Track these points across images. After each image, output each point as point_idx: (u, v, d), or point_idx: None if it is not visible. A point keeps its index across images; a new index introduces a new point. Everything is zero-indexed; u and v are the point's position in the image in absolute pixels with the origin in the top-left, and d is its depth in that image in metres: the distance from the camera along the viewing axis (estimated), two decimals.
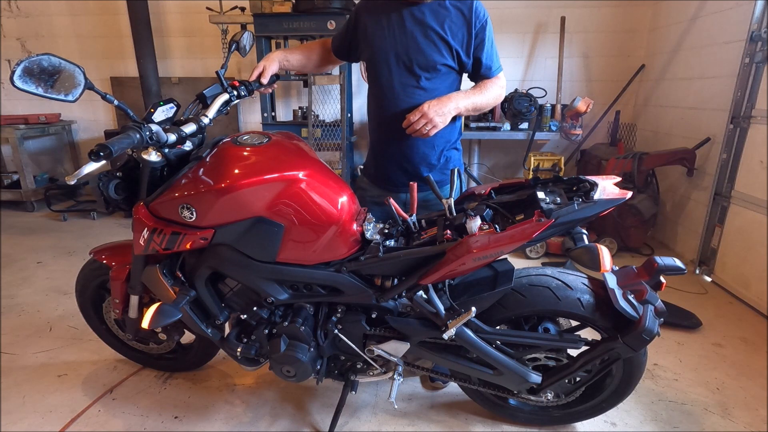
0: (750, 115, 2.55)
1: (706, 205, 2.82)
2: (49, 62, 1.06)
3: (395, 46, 1.50)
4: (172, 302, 1.35)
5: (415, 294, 1.30)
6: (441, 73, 1.52)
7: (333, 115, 3.83)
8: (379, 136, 1.65)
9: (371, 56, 1.56)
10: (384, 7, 1.52)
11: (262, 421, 1.66)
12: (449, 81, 1.55)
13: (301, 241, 1.26)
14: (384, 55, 1.52)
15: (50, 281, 2.75)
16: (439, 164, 1.63)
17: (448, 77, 1.54)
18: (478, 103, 1.53)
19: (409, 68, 1.50)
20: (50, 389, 1.81)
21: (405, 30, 1.48)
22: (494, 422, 1.65)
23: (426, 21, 1.47)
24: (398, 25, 1.49)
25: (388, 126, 1.57)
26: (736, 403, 1.75)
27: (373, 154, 1.70)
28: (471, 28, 1.48)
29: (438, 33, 1.47)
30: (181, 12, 4.11)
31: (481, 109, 1.58)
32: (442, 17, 1.47)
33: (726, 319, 2.36)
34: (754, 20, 2.50)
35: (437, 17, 1.47)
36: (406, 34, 1.48)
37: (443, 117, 1.44)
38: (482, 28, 1.50)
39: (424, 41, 1.48)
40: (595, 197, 1.16)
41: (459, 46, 1.49)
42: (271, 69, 1.60)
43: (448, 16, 1.47)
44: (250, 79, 1.57)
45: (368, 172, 1.74)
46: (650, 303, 1.27)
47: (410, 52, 1.49)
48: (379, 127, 1.63)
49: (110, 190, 1.26)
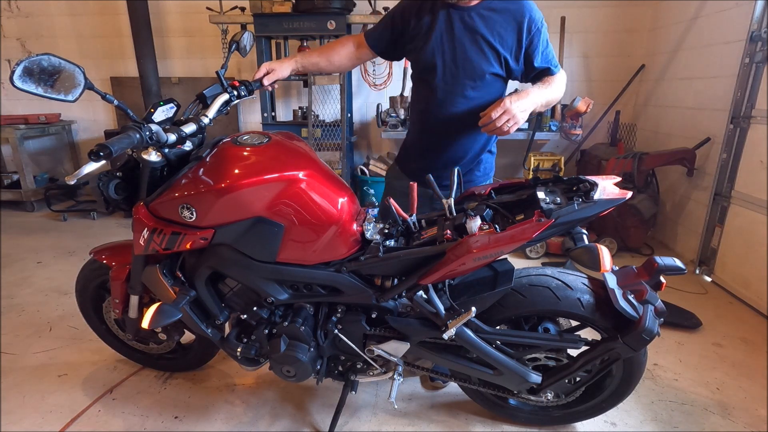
0: (750, 115, 2.55)
1: (706, 205, 2.82)
2: (49, 62, 1.06)
3: (443, 53, 1.46)
4: (172, 302, 1.35)
5: (415, 294, 1.30)
6: (487, 81, 1.48)
7: (333, 115, 3.83)
8: (422, 136, 1.64)
9: (418, 59, 1.52)
10: (431, 8, 1.46)
11: (262, 421, 1.66)
12: (495, 88, 1.51)
13: (301, 241, 1.26)
14: (431, 61, 1.48)
15: (50, 281, 2.75)
16: (475, 167, 1.63)
17: (494, 84, 1.51)
18: (550, 98, 1.46)
19: (455, 76, 1.47)
20: (50, 389, 1.81)
21: (453, 36, 1.44)
22: (494, 422, 1.65)
23: (475, 27, 1.42)
24: (447, 31, 1.45)
25: (431, 129, 1.58)
26: (736, 403, 1.75)
27: (414, 150, 1.69)
28: (522, 34, 1.42)
29: (487, 40, 1.43)
30: (181, 12, 4.11)
31: (550, 104, 1.52)
32: (492, 22, 1.42)
33: (726, 319, 2.36)
34: (754, 20, 2.50)
35: (487, 23, 1.42)
36: (455, 40, 1.44)
37: (525, 113, 1.36)
38: (537, 33, 1.43)
39: (472, 48, 1.44)
40: (595, 197, 1.16)
41: (508, 53, 1.44)
42: (279, 74, 1.56)
43: (498, 21, 1.42)
44: (253, 78, 1.55)
45: (406, 167, 1.72)
46: (650, 303, 1.27)
47: (457, 59, 1.45)
48: (423, 128, 1.62)
49: (110, 190, 1.26)
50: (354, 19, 3.60)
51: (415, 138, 1.68)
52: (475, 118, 1.39)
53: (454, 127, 1.54)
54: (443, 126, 1.54)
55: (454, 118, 1.51)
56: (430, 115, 1.56)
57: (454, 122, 1.53)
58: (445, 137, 1.56)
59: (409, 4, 1.52)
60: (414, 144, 1.68)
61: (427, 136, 1.62)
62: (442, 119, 1.53)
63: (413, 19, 1.49)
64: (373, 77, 4.08)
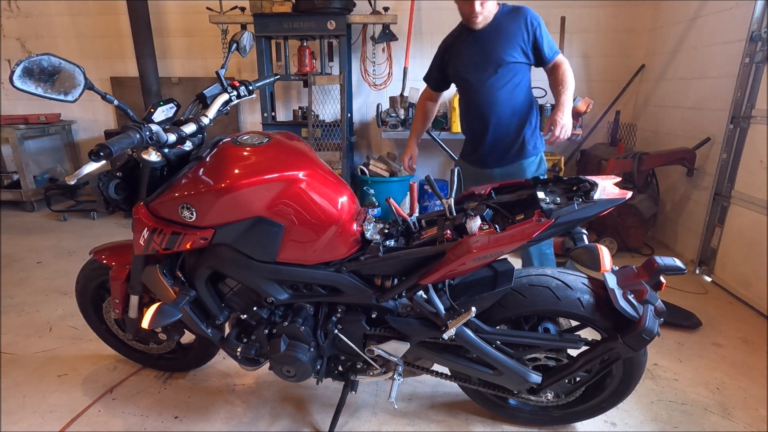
0: (750, 115, 2.55)
1: (706, 205, 2.82)
2: (48, 62, 1.06)
3: (473, 58, 1.93)
4: (172, 302, 1.35)
5: (415, 294, 1.30)
6: (510, 68, 1.89)
7: (333, 115, 3.83)
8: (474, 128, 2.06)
9: (457, 71, 2.00)
10: (456, 36, 2.01)
11: (262, 421, 1.66)
12: (519, 72, 1.93)
13: (301, 241, 1.26)
14: (467, 67, 1.95)
15: (50, 281, 2.75)
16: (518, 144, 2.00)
17: (516, 69, 1.91)
18: (572, 90, 1.91)
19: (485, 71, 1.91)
20: (50, 389, 1.81)
21: (477, 45, 1.92)
22: (494, 422, 1.65)
23: (492, 35, 1.90)
24: (472, 44, 1.94)
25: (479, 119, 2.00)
26: (736, 403, 1.75)
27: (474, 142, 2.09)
28: (527, 28, 1.87)
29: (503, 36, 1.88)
30: (181, 12, 4.11)
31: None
32: (504, 29, 1.89)
33: (726, 319, 2.36)
34: (754, 20, 2.50)
35: (499, 31, 1.89)
36: (478, 46, 1.92)
37: (569, 117, 1.85)
38: (537, 29, 1.88)
39: (492, 46, 1.89)
40: (595, 197, 1.16)
41: (522, 43, 1.88)
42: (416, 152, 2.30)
43: (506, 26, 1.88)
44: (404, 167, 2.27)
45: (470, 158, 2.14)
46: (650, 303, 1.27)
47: (485, 58, 1.90)
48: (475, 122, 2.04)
49: (110, 190, 1.26)
50: (354, 19, 3.60)
51: (471, 132, 2.10)
52: (508, 100, 1.94)
53: (492, 109, 1.96)
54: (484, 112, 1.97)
55: (485, 104, 1.96)
56: (476, 108, 1.99)
57: (487, 108, 1.96)
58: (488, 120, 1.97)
59: (441, 44, 2.08)
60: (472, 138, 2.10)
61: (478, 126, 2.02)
62: (485, 109, 1.96)
63: (446, 50, 2.04)
64: (373, 77, 4.08)
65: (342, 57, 3.66)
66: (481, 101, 1.96)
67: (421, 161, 4.28)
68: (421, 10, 3.89)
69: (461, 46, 1.96)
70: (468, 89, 2.00)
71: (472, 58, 1.93)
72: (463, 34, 1.97)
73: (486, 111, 1.96)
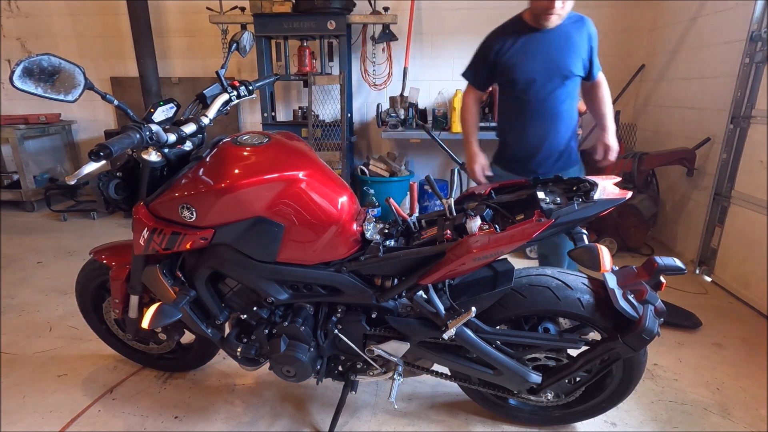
0: (750, 115, 2.55)
1: (706, 205, 2.82)
2: (48, 62, 1.06)
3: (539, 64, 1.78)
4: (172, 302, 1.35)
5: (415, 294, 1.30)
6: (571, 80, 1.82)
7: (333, 115, 3.83)
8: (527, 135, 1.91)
9: (516, 76, 1.82)
10: (514, 33, 1.82)
11: (262, 421, 1.66)
12: (575, 85, 1.87)
13: (301, 241, 1.26)
14: (530, 75, 1.79)
15: (50, 281, 2.75)
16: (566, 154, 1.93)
17: (574, 83, 1.85)
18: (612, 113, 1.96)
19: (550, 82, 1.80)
20: (50, 389, 1.81)
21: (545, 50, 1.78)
22: (494, 422, 1.65)
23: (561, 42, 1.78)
24: (538, 46, 1.78)
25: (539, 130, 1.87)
26: (736, 403, 1.75)
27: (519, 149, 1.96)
28: (588, 45, 1.81)
29: (571, 48, 1.78)
30: (181, 12, 4.11)
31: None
32: (571, 38, 1.78)
33: (726, 319, 2.36)
34: (754, 20, 2.50)
35: (567, 40, 1.78)
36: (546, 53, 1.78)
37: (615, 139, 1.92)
38: (594, 43, 1.83)
39: (560, 57, 1.78)
40: (595, 197, 1.16)
41: (584, 56, 1.81)
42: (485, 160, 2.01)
43: (574, 35, 1.78)
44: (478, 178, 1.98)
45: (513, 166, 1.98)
46: (650, 303, 1.27)
47: (551, 68, 1.78)
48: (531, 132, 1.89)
49: (110, 190, 1.26)
50: (354, 19, 3.60)
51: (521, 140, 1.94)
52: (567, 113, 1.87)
53: (554, 122, 1.86)
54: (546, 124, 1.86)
55: (550, 114, 1.85)
56: (536, 118, 1.86)
57: (552, 118, 1.85)
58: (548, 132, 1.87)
59: (491, 40, 1.86)
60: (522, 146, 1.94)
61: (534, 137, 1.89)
62: (547, 120, 1.86)
63: (501, 48, 1.82)
64: (373, 77, 4.08)
65: (342, 57, 3.66)
66: (545, 112, 1.84)
67: (421, 161, 4.29)
68: (421, 10, 3.89)
69: (526, 47, 1.79)
70: (529, 96, 1.83)
71: (539, 64, 1.78)
72: (523, 32, 1.80)
73: (548, 122, 1.85)
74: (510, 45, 1.81)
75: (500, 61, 1.83)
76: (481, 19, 3.80)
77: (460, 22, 3.86)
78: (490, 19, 2.07)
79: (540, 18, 1.72)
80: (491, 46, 1.85)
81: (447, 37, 3.93)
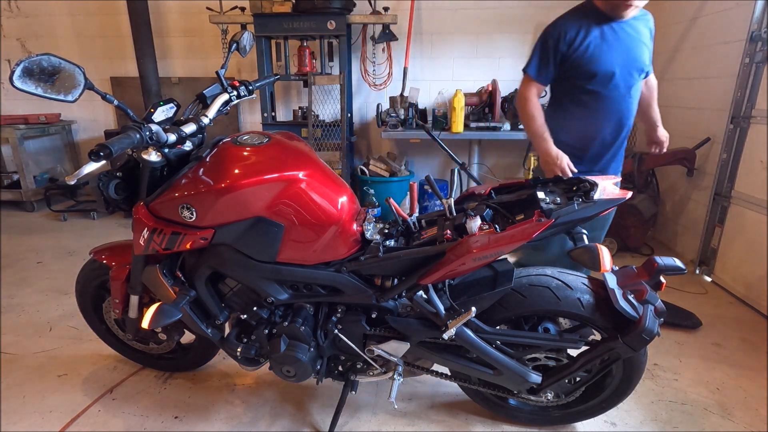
0: (750, 115, 2.55)
1: (706, 205, 2.82)
2: (48, 62, 1.06)
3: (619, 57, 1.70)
4: (172, 302, 1.35)
5: (415, 294, 1.30)
6: (642, 74, 1.78)
7: (333, 115, 3.83)
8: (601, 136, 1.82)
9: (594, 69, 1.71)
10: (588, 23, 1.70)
11: (262, 421, 1.66)
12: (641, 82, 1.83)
13: (301, 241, 1.26)
14: (609, 68, 1.70)
15: (50, 281, 2.75)
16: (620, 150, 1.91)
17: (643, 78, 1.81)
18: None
19: (629, 76, 1.74)
20: (50, 389, 1.81)
21: (623, 44, 1.71)
22: (494, 422, 1.65)
23: (634, 33, 1.72)
24: (616, 40, 1.70)
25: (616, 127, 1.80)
26: (736, 403, 1.75)
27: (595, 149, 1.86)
28: (652, 41, 1.78)
29: (644, 42, 1.74)
30: (181, 12, 4.11)
31: None
32: (640, 29, 1.73)
33: (726, 319, 2.36)
34: (754, 20, 2.50)
35: (638, 29, 1.73)
36: (624, 46, 1.71)
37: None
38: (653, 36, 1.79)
39: (636, 51, 1.72)
40: (595, 197, 1.16)
41: (649, 53, 1.76)
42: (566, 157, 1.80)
43: (643, 28, 1.74)
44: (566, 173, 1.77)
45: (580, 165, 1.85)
46: (650, 303, 1.27)
47: (629, 62, 1.72)
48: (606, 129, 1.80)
49: (110, 190, 1.26)
50: (354, 19, 3.60)
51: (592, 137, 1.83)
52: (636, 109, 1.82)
53: (628, 119, 1.81)
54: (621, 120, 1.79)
55: (627, 111, 1.79)
56: (614, 114, 1.78)
57: (627, 114, 1.79)
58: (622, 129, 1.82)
59: (561, 29, 1.72)
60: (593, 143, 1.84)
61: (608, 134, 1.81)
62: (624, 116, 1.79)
63: (575, 38, 1.70)
64: (373, 77, 4.08)
65: (342, 57, 3.66)
66: (625, 108, 1.77)
67: (421, 161, 4.29)
68: (421, 10, 3.89)
69: (603, 38, 1.68)
70: (608, 91, 1.73)
71: (618, 57, 1.69)
72: (599, 22, 1.69)
73: (624, 119, 1.79)
74: (585, 35, 1.68)
75: (574, 53, 1.69)
76: (481, 19, 3.80)
77: (460, 22, 3.86)
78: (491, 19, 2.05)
79: (619, 8, 1.63)
80: (562, 35, 1.70)
81: (447, 37, 3.93)
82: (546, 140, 1.81)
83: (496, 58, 3.93)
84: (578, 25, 1.69)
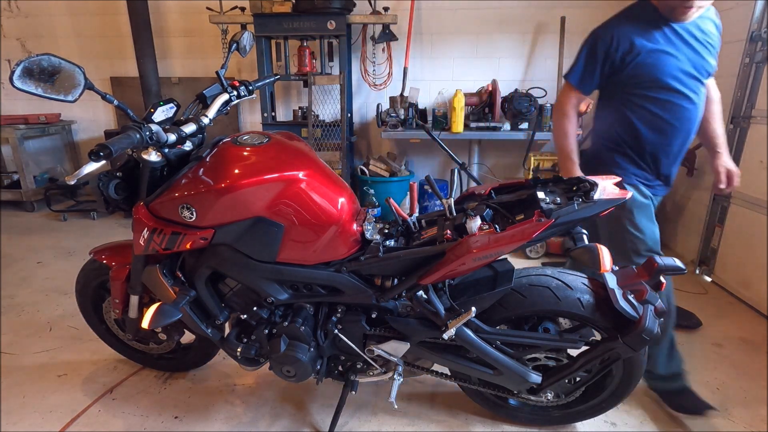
0: (750, 115, 2.55)
1: (706, 205, 2.82)
2: (48, 62, 1.06)
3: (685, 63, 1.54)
4: (172, 302, 1.35)
5: (415, 294, 1.30)
6: (707, 79, 1.62)
7: (333, 115, 3.83)
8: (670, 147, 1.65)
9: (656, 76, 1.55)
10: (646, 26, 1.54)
11: (262, 421, 1.66)
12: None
13: (301, 241, 1.26)
14: (673, 72, 1.54)
15: (50, 281, 2.75)
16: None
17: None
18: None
19: (694, 80, 1.57)
20: (50, 389, 1.81)
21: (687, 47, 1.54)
22: (494, 422, 1.65)
23: (699, 35, 1.56)
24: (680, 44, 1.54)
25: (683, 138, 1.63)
26: (736, 403, 1.75)
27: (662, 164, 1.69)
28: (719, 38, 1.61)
29: (709, 44, 1.58)
30: (181, 12, 4.11)
31: None
32: (707, 32, 1.57)
33: (726, 319, 2.36)
34: (754, 20, 2.50)
35: (703, 34, 1.56)
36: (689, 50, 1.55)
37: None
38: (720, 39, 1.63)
39: (701, 54, 1.56)
40: (595, 197, 1.16)
41: (716, 54, 1.61)
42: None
43: (710, 32, 1.58)
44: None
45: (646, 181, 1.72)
46: (650, 303, 1.27)
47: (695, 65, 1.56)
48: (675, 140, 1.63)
49: (110, 190, 1.26)
50: (354, 19, 3.60)
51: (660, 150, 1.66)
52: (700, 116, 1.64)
53: (693, 129, 1.64)
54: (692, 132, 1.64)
55: (693, 116, 1.61)
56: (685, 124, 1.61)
57: (693, 120, 1.62)
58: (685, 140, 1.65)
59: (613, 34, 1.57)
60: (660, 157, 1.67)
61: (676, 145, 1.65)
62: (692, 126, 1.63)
63: (632, 43, 1.53)
64: (373, 77, 4.08)
65: (342, 57, 3.66)
66: (694, 118, 1.60)
67: (421, 161, 4.29)
68: (421, 10, 3.89)
69: (666, 42, 1.53)
70: (678, 100, 1.57)
71: (683, 62, 1.54)
72: (660, 24, 1.53)
73: (693, 129, 1.63)
74: (644, 40, 1.52)
75: (632, 60, 1.54)
76: (481, 19, 3.80)
77: (460, 22, 3.86)
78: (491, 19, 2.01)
79: (676, 10, 1.48)
80: (613, 40, 1.55)
81: (447, 37, 3.93)
82: (574, 162, 1.69)
83: (496, 58, 3.93)
84: (635, 29, 1.54)
